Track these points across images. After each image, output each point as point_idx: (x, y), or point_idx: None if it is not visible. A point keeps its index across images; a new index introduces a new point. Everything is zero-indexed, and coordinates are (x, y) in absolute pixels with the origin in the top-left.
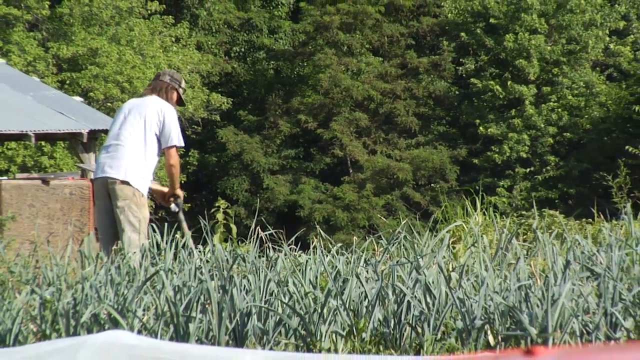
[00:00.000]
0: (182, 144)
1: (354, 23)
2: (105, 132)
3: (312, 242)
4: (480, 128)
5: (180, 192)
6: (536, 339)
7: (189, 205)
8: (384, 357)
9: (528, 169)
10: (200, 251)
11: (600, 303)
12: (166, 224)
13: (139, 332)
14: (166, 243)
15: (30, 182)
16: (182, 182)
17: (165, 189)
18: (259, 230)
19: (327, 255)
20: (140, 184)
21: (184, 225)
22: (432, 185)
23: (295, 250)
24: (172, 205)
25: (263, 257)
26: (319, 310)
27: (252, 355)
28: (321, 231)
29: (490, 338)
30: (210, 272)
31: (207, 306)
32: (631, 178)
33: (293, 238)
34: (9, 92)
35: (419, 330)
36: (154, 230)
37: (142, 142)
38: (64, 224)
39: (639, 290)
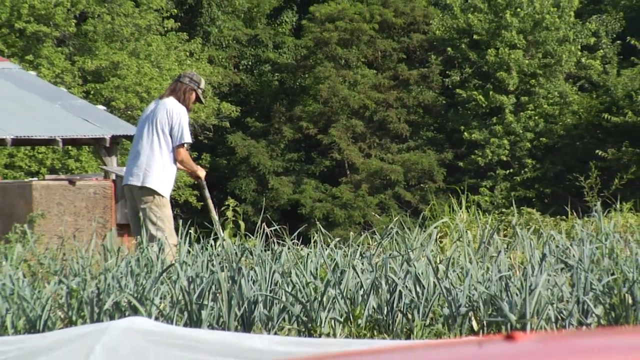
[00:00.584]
0: (189, 140)
1: (350, 39)
2: (126, 137)
3: (313, 237)
4: (465, 134)
5: (200, 174)
6: (515, 324)
7: (201, 204)
8: (378, 341)
9: (508, 171)
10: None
11: (573, 292)
12: (181, 221)
13: (156, 318)
14: (181, 238)
15: (58, 182)
16: (195, 182)
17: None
18: (265, 226)
19: (326, 249)
20: (159, 186)
21: (209, 199)
22: (422, 185)
23: (298, 244)
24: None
25: (268, 250)
26: (319, 299)
27: (258, 339)
28: (321, 227)
29: (474, 324)
30: (221, 264)
31: (217, 295)
32: (601, 179)
33: (295, 233)
34: (39, 101)
35: (410, 316)
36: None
37: (157, 147)
38: (88, 221)
39: (608, 281)
